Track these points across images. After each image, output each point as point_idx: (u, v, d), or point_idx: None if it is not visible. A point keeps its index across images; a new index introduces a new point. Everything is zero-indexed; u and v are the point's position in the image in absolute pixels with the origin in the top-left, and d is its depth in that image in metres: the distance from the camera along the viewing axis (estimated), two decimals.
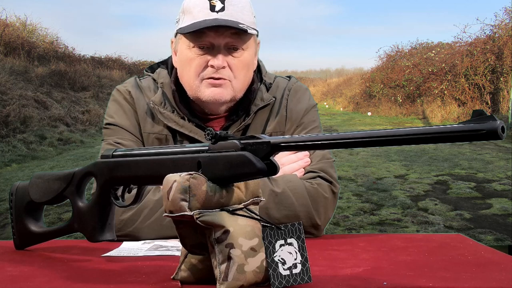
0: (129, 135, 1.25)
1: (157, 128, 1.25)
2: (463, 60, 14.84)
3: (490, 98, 14.15)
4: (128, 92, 1.28)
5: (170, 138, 1.24)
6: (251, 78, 1.26)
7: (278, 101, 1.29)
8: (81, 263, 0.92)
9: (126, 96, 1.28)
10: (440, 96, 15.68)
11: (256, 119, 1.26)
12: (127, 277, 0.81)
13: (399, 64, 19.08)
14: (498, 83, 14.01)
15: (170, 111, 1.23)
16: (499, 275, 0.81)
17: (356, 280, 0.78)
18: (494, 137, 0.57)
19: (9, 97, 9.84)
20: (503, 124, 0.57)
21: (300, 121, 1.28)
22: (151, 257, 0.94)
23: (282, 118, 1.27)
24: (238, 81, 1.20)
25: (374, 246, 1.01)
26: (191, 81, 1.20)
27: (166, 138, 1.24)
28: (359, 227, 4.07)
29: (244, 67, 1.20)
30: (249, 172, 0.69)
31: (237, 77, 1.19)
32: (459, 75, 14.84)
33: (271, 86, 1.30)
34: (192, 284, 0.76)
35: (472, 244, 1.02)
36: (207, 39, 1.15)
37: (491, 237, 3.76)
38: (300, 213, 1.12)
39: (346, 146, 0.67)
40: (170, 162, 0.78)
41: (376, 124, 15.26)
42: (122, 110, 1.27)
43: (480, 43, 14.75)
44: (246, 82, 1.23)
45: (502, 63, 13.92)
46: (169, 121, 1.23)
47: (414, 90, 17.23)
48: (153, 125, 1.25)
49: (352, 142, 0.66)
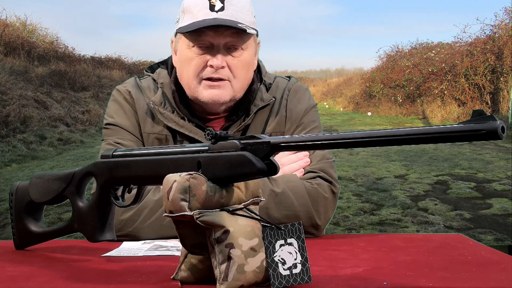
0: (129, 135, 1.25)
1: (157, 128, 1.24)
2: (463, 60, 14.84)
3: (490, 98, 14.15)
4: (128, 92, 1.28)
5: (170, 138, 1.24)
6: (251, 78, 1.26)
7: (278, 101, 1.28)
8: (81, 263, 0.92)
9: (126, 96, 1.28)
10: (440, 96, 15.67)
11: (256, 119, 1.26)
12: (127, 277, 0.81)
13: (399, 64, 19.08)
14: (498, 83, 14.01)
15: (170, 111, 1.23)
16: (499, 275, 0.81)
17: (356, 280, 0.78)
18: (494, 137, 0.57)
19: (9, 97, 9.84)
20: (503, 124, 0.57)
21: (300, 121, 1.28)
22: (151, 257, 0.94)
23: (282, 118, 1.27)
24: (237, 81, 1.19)
25: (374, 246, 1.01)
26: (190, 81, 1.19)
27: (166, 138, 1.24)
28: (359, 227, 4.07)
29: (244, 67, 1.20)
30: (249, 172, 0.69)
31: (237, 77, 1.19)
32: (459, 75, 14.84)
33: (271, 86, 1.30)
34: (192, 284, 0.76)
35: (472, 244, 1.02)
36: (207, 38, 1.15)
37: (491, 237, 3.76)
38: (300, 213, 1.12)
39: (346, 146, 0.67)
40: (170, 162, 0.78)
41: (376, 124, 15.25)
42: (122, 110, 1.27)
43: (480, 43, 14.75)
44: (245, 82, 1.23)
45: (502, 63, 13.92)
46: (169, 121, 1.23)
47: (414, 90, 17.23)
48: (153, 125, 1.25)
49: (351, 142, 0.66)
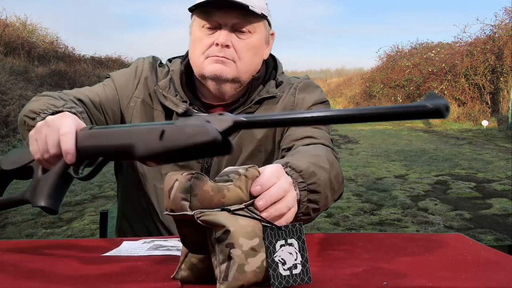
0: (110, 93, 1.26)
1: (155, 103, 1.27)
2: (463, 60, 14.84)
3: (490, 98, 14.15)
4: (149, 62, 1.32)
5: (162, 117, 1.25)
6: (258, 65, 1.25)
7: (286, 94, 1.27)
8: (81, 263, 0.92)
9: (145, 65, 1.31)
10: None
11: (260, 110, 1.25)
12: (127, 277, 0.81)
13: (399, 64, 19.08)
14: (498, 83, 14.01)
15: (173, 95, 1.25)
16: (499, 275, 0.81)
17: (356, 280, 0.78)
18: (438, 115, 0.62)
19: (9, 97, 9.83)
20: (447, 104, 0.62)
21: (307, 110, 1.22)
22: (151, 257, 0.94)
23: (288, 108, 1.25)
24: (242, 63, 1.19)
25: (374, 246, 1.01)
26: (196, 58, 1.21)
27: (153, 108, 1.26)
28: (359, 227, 4.07)
29: (250, 50, 1.20)
30: (206, 140, 0.71)
31: (242, 59, 1.19)
32: (459, 75, 14.84)
33: (282, 84, 1.29)
34: (192, 283, 0.76)
35: (472, 244, 1.02)
36: (215, 18, 1.17)
37: (491, 237, 3.76)
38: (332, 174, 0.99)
39: (303, 124, 0.71)
40: (136, 131, 0.80)
41: (376, 124, 15.24)
42: (130, 75, 1.30)
43: (480, 43, 14.75)
44: (251, 66, 1.22)
45: (502, 63, 13.92)
46: (169, 102, 1.24)
47: (414, 90, 17.22)
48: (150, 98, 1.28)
49: (307, 121, 0.70)
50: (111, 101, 1.25)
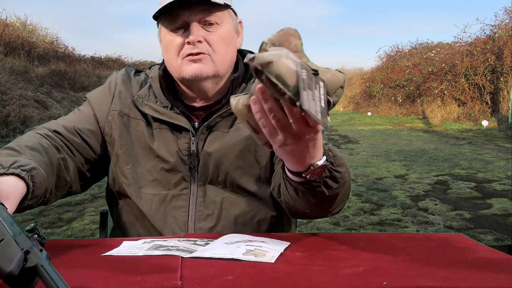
0: (87, 122, 1.28)
1: (133, 113, 1.28)
2: (463, 60, 14.85)
3: (490, 98, 14.16)
4: (121, 75, 1.34)
5: (143, 124, 1.25)
6: (234, 55, 1.26)
7: None
8: (81, 263, 0.92)
9: (117, 80, 1.33)
10: (440, 96, 15.68)
11: None
12: (127, 277, 0.81)
13: (399, 64, 19.10)
14: (498, 83, 14.02)
15: (153, 102, 1.26)
16: (499, 275, 0.81)
17: (356, 280, 0.78)
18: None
19: (9, 97, 9.84)
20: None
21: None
22: (151, 257, 0.94)
23: None
24: (217, 55, 1.20)
25: (374, 245, 1.01)
26: (173, 61, 1.21)
27: (130, 117, 1.27)
28: (359, 227, 4.07)
29: (223, 41, 1.20)
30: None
31: (216, 51, 1.20)
32: (459, 75, 14.85)
33: None
34: (194, 282, 0.76)
35: (472, 244, 1.02)
36: (181, 18, 1.17)
37: (491, 237, 3.76)
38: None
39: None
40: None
41: (376, 124, 15.25)
42: (104, 91, 1.32)
43: (480, 43, 14.76)
44: (227, 57, 1.23)
45: (502, 63, 13.93)
46: (150, 110, 1.25)
47: (414, 90, 17.24)
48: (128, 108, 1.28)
49: None
50: (85, 122, 1.28)
